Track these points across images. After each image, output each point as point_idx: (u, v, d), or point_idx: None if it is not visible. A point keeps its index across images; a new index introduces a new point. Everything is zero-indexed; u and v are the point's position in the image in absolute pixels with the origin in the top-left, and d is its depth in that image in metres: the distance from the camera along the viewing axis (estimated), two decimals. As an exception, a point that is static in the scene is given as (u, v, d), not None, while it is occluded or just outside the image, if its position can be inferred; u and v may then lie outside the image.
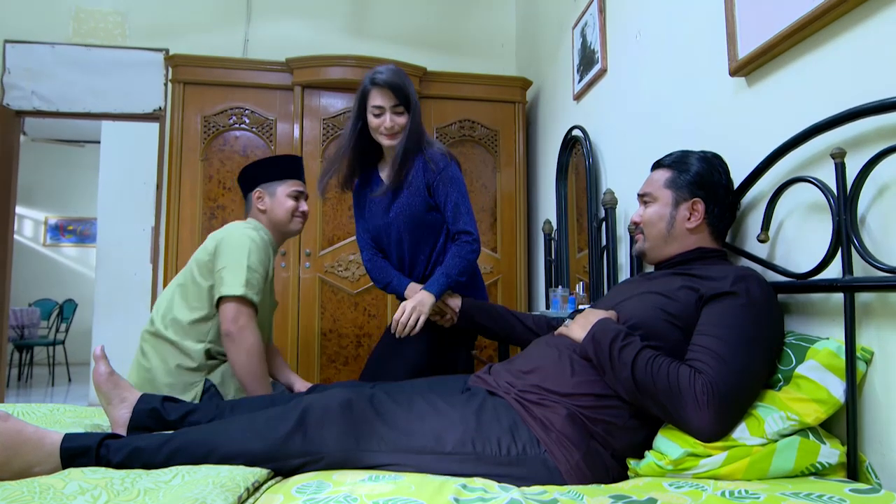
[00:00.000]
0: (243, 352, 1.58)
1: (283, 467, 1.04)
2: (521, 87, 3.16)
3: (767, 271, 1.28)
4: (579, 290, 2.37)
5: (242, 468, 0.98)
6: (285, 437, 1.04)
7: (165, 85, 3.28)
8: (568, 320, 1.31)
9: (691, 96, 1.66)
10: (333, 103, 2.97)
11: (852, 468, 1.02)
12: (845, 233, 1.07)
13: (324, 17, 3.50)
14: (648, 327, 1.16)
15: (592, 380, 1.14)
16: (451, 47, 3.58)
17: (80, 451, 1.04)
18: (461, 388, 1.33)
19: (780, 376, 1.11)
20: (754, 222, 1.37)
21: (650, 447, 1.10)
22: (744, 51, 1.38)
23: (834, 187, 1.10)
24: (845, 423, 1.04)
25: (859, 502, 0.85)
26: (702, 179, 1.31)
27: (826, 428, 1.07)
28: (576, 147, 2.56)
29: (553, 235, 2.76)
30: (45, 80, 3.23)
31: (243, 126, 2.90)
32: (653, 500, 0.89)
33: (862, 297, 1.07)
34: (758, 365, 1.06)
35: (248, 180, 1.84)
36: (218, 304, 1.61)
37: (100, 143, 4.42)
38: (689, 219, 1.31)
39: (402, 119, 1.71)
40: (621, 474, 1.10)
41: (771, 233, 1.30)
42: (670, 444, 1.04)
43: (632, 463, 1.10)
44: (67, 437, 1.05)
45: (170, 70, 2.96)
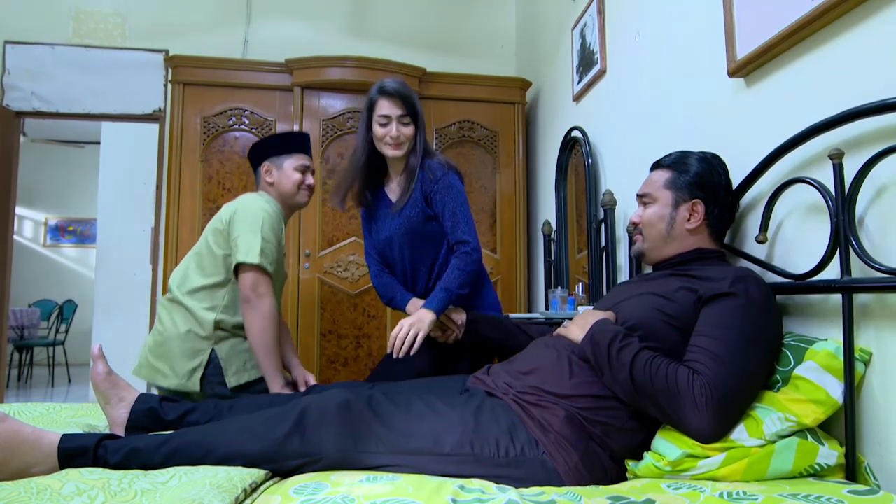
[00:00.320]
0: (260, 317, 1.63)
1: (280, 468, 1.04)
2: (520, 88, 3.16)
3: (766, 272, 1.28)
4: (578, 290, 2.36)
5: (240, 469, 0.98)
6: (283, 438, 1.04)
7: (165, 86, 3.29)
8: (566, 321, 1.31)
9: (690, 97, 1.66)
10: (333, 104, 2.97)
11: (851, 469, 1.01)
12: (843, 234, 1.07)
13: (323, 18, 3.50)
14: (647, 328, 1.15)
15: (591, 381, 1.14)
16: (450, 48, 3.58)
17: (78, 452, 1.04)
18: (460, 389, 1.32)
19: (778, 377, 1.10)
20: (753, 223, 1.37)
21: (649, 449, 1.09)
22: (742, 51, 1.38)
23: (832, 188, 1.10)
24: (844, 425, 1.04)
25: (858, 503, 0.85)
26: (702, 180, 1.31)
27: (824, 429, 1.06)
28: (575, 148, 2.56)
29: (552, 236, 2.76)
30: (45, 80, 3.23)
31: (243, 127, 2.90)
32: (651, 502, 0.89)
33: (860, 298, 1.07)
34: (756, 366, 1.06)
35: (257, 155, 1.90)
36: (236, 271, 1.68)
37: (100, 143, 4.42)
38: (689, 220, 1.30)
39: (408, 130, 1.68)
40: (620, 476, 1.10)
41: (769, 234, 1.30)
42: (668, 446, 1.04)
43: (630, 464, 1.10)
44: (65, 438, 1.05)
45: (169, 71, 2.96)
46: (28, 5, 3.26)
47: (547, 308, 2.56)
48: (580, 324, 1.22)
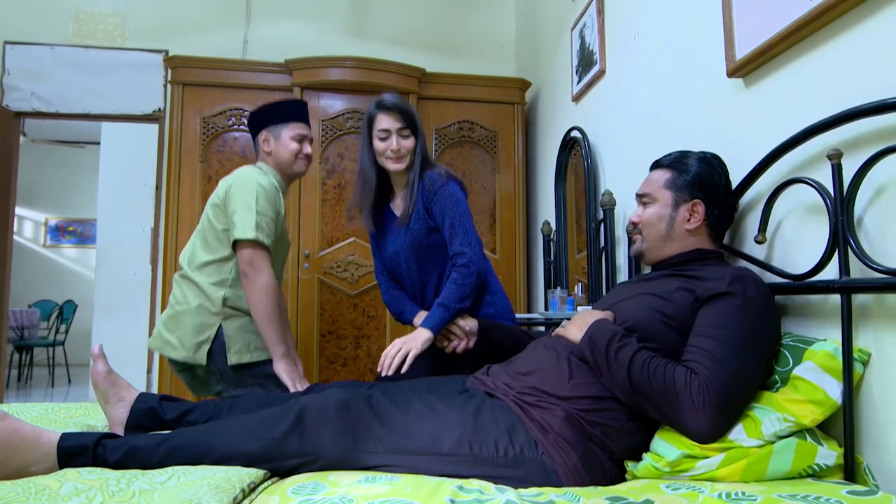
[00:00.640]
0: (258, 291, 1.67)
1: (279, 468, 1.04)
2: (520, 89, 3.16)
3: (765, 272, 1.28)
4: (578, 291, 2.36)
5: (238, 469, 0.98)
6: (282, 438, 1.04)
7: (165, 86, 3.29)
8: (565, 321, 1.31)
9: (689, 97, 1.66)
10: (332, 104, 2.97)
11: (849, 470, 1.01)
12: (842, 234, 1.07)
13: (323, 19, 3.50)
14: (645, 329, 1.15)
15: (590, 382, 1.14)
16: (450, 48, 3.59)
17: (77, 451, 1.04)
18: (459, 390, 1.32)
19: (777, 377, 1.10)
20: (752, 223, 1.37)
21: (648, 450, 1.09)
22: (741, 52, 1.38)
23: (831, 188, 1.10)
24: (842, 425, 1.03)
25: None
26: (702, 180, 1.30)
27: (823, 430, 1.06)
28: (575, 148, 2.56)
29: (552, 236, 2.76)
30: (45, 81, 3.24)
31: (242, 127, 2.90)
32: (649, 502, 0.89)
33: (859, 299, 1.07)
34: (754, 366, 1.05)
35: (255, 124, 1.91)
36: (235, 247, 1.71)
37: (100, 144, 4.42)
38: (689, 220, 1.30)
39: (408, 142, 1.67)
40: (619, 477, 1.10)
41: (768, 234, 1.30)
42: (667, 446, 1.04)
43: (629, 465, 1.09)
44: (64, 437, 1.05)
45: (169, 71, 2.96)
46: (28, 6, 3.27)
47: (546, 308, 2.56)
48: (578, 324, 1.22)
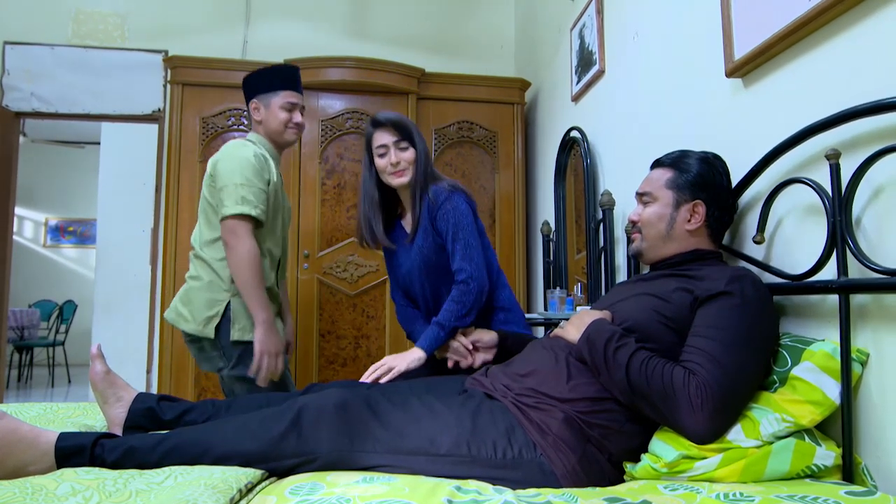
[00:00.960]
0: (236, 258, 1.69)
1: (277, 468, 1.04)
2: (519, 89, 3.15)
3: (763, 273, 1.28)
4: (577, 291, 2.36)
5: (236, 469, 0.98)
6: (280, 437, 1.04)
7: (164, 86, 3.29)
8: (563, 322, 1.30)
9: (688, 97, 1.66)
10: (332, 104, 2.97)
11: (848, 470, 1.01)
12: (840, 234, 1.07)
13: (322, 19, 3.50)
14: (643, 329, 1.15)
15: (589, 384, 1.14)
16: (449, 49, 3.58)
17: (75, 451, 1.04)
18: (458, 390, 1.32)
19: (775, 378, 1.10)
20: (750, 223, 1.37)
21: (647, 451, 1.09)
22: (740, 52, 1.38)
23: (829, 189, 1.09)
24: (841, 426, 1.03)
25: (854, 504, 0.85)
26: (704, 181, 1.29)
27: (822, 430, 1.06)
28: (574, 148, 2.56)
29: (551, 237, 2.76)
30: (45, 81, 3.23)
31: (242, 127, 2.89)
32: (647, 503, 0.89)
33: (857, 299, 1.07)
34: (752, 366, 1.05)
35: (246, 92, 1.90)
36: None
37: (99, 144, 4.42)
38: (690, 220, 1.29)
39: (407, 154, 1.64)
40: (618, 478, 1.10)
41: (767, 234, 1.30)
42: (665, 447, 1.04)
43: (628, 466, 1.09)
44: (62, 437, 1.05)
45: (169, 71, 2.96)
46: (28, 6, 3.27)
47: (546, 308, 2.56)
48: (576, 324, 1.22)
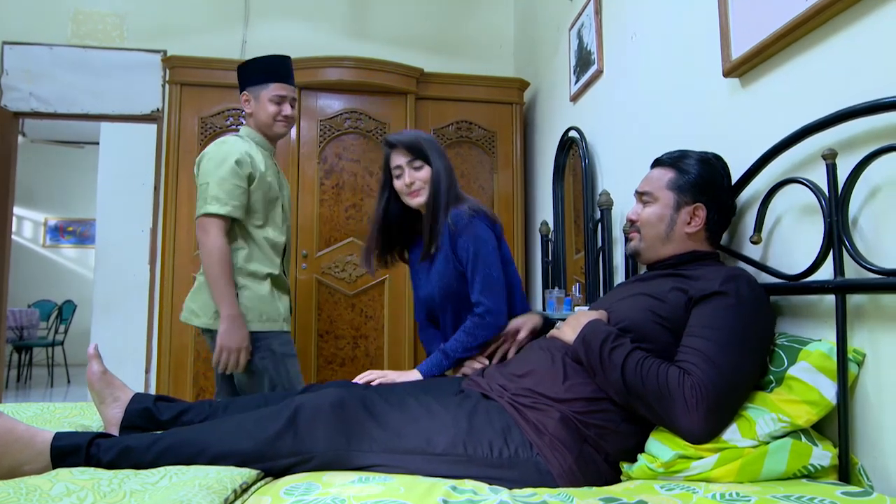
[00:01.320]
0: (205, 254, 1.72)
1: (273, 467, 1.04)
2: (518, 89, 3.15)
3: (760, 273, 1.28)
4: (576, 291, 2.36)
5: (231, 469, 0.97)
6: (275, 437, 1.04)
7: (163, 86, 3.29)
8: (559, 322, 1.30)
9: (686, 97, 1.66)
10: (331, 104, 2.97)
11: (844, 470, 1.01)
12: (837, 234, 1.07)
13: (321, 19, 3.50)
14: (639, 329, 1.15)
15: (585, 384, 1.14)
16: (448, 49, 3.58)
17: (71, 450, 1.03)
18: (455, 391, 1.32)
19: (771, 378, 1.10)
20: (747, 223, 1.37)
21: (643, 451, 1.09)
22: (737, 52, 1.38)
23: (825, 189, 1.09)
24: (837, 426, 1.03)
25: (850, 504, 0.85)
26: (705, 183, 1.29)
27: (818, 430, 1.06)
28: (572, 148, 2.56)
29: (550, 237, 2.76)
30: (44, 81, 3.23)
31: (241, 127, 2.89)
32: (643, 503, 0.89)
33: (854, 299, 1.07)
34: (747, 365, 1.05)
35: (239, 82, 1.90)
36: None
37: (98, 144, 4.42)
38: (690, 223, 1.28)
39: (421, 173, 1.61)
40: (614, 478, 1.10)
41: (764, 234, 1.30)
42: (661, 447, 1.04)
43: (625, 467, 1.09)
44: (58, 436, 1.05)
45: (167, 71, 2.96)
46: (27, 6, 3.27)
47: (544, 308, 2.56)
48: (572, 325, 1.22)
